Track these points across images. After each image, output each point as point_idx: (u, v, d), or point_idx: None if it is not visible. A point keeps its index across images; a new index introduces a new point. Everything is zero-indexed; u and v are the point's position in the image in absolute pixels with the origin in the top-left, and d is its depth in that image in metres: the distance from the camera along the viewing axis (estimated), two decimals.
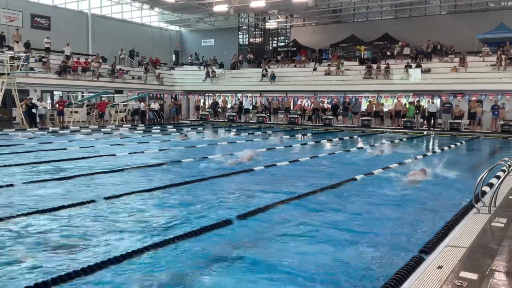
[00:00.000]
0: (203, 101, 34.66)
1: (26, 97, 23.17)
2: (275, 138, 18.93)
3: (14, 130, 20.57)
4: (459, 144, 18.37)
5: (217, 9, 30.78)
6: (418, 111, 25.24)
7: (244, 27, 41.84)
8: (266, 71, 31.92)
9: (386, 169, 10.84)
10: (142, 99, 30.46)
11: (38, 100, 23.67)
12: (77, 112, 25.58)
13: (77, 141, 17.03)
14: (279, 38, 41.82)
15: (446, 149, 16.44)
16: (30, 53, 25.90)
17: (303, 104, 30.32)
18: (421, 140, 21.57)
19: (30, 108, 22.46)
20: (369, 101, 27.09)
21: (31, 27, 30.30)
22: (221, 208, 7.11)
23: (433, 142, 20.97)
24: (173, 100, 33.10)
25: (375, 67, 28.25)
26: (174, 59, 42.25)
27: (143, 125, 26.75)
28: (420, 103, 25.62)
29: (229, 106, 32.76)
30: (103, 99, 27.97)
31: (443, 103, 24.99)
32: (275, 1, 29.61)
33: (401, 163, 11.72)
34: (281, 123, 28.71)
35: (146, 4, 35.04)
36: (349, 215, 6.80)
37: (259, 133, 22.67)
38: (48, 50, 28.16)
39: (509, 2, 30.25)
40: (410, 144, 19.07)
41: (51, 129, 21.88)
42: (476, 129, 23.17)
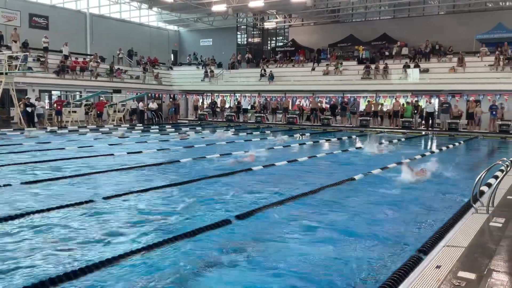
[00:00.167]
0: (201, 101, 34.66)
1: (23, 97, 23.14)
2: (273, 138, 18.92)
3: (12, 129, 20.54)
4: (457, 144, 18.39)
5: (215, 8, 30.76)
6: (416, 111, 25.29)
7: (242, 27, 41.85)
8: (264, 71, 31.92)
9: (384, 169, 10.86)
10: (140, 99, 30.43)
11: (36, 99, 23.64)
12: (75, 111, 25.56)
13: (75, 141, 17.00)
14: (278, 38, 41.83)
15: (444, 149, 16.47)
16: (28, 53, 25.86)
17: (301, 103, 30.31)
18: (419, 140, 21.58)
19: (27, 107, 22.41)
20: (368, 101, 27.11)
21: (29, 27, 30.26)
22: (220, 208, 7.11)
23: (431, 142, 20.99)
24: (171, 100, 33.10)
25: (373, 67, 28.27)
26: (172, 59, 42.22)
27: (141, 125, 26.72)
28: (418, 103, 25.65)
29: (227, 106, 32.78)
30: (101, 98, 27.94)
31: (441, 103, 25.02)
32: (274, 1, 29.61)
33: (399, 163, 11.72)
34: (280, 123, 28.71)
35: (144, 3, 35.03)
36: (347, 214, 6.81)
37: (258, 132, 22.68)
38: (46, 49, 28.10)
39: (507, 2, 30.29)
40: (408, 144, 19.08)
41: (49, 128, 21.84)
42: (474, 129, 23.21)
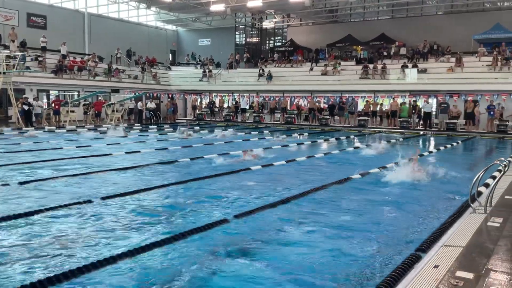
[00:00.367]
0: (199, 100, 34.64)
1: (21, 96, 23.10)
2: (272, 137, 18.92)
3: (10, 129, 20.49)
4: (455, 144, 18.42)
5: (214, 8, 30.74)
6: (414, 111, 25.32)
7: (241, 26, 41.81)
8: (263, 70, 31.91)
9: (382, 168, 10.87)
10: (139, 98, 30.40)
11: (34, 99, 23.58)
12: (73, 111, 25.53)
13: (73, 140, 16.98)
14: (276, 37, 41.81)
15: (442, 149, 16.49)
16: (26, 52, 25.81)
17: (299, 103, 30.30)
18: (417, 140, 21.61)
19: (24, 105, 22.38)
20: (366, 101, 27.13)
21: (27, 26, 30.22)
22: (218, 207, 7.12)
23: (429, 142, 21.02)
24: (169, 99, 33.08)
25: (371, 67, 28.29)
26: (170, 59, 42.18)
27: (139, 124, 26.70)
28: (416, 103, 25.68)
29: (225, 105, 32.76)
30: (100, 98, 27.90)
31: (439, 103, 25.06)
32: (272, 0, 29.58)
33: (397, 163, 11.73)
34: (278, 123, 28.71)
35: (142, 3, 34.99)
36: (345, 214, 6.81)
37: (256, 132, 22.70)
38: (44, 49, 28.03)
39: (505, 2, 30.36)
40: (406, 144, 19.10)
41: (47, 128, 21.80)
42: (472, 129, 23.26)
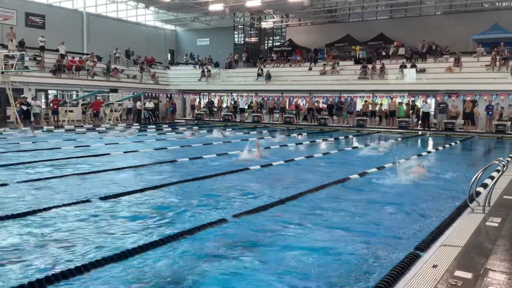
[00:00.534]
0: (198, 100, 34.62)
1: (19, 96, 23.05)
2: (271, 137, 18.94)
3: (8, 128, 20.45)
4: (453, 144, 18.44)
5: (212, 8, 30.73)
6: (412, 111, 25.35)
7: (239, 26, 41.80)
8: (261, 70, 31.91)
9: (380, 168, 10.88)
10: (137, 98, 30.38)
11: (32, 99, 23.54)
12: (71, 111, 25.49)
13: (71, 140, 16.95)
14: (275, 37, 41.81)
15: (440, 149, 16.50)
16: (24, 52, 25.77)
17: (298, 102, 30.29)
18: (416, 140, 21.62)
19: (23, 105, 22.35)
20: (365, 101, 27.16)
21: (25, 26, 30.17)
22: (217, 207, 7.11)
23: (427, 142, 21.03)
24: (168, 99, 33.06)
25: (370, 67, 28.32)
26: (169, 58, 42.17)
27: (138, 124, 26.68)
28: (415, 103, 25.70)
29: (224, 105, 32.76)
30: (98, 98, 27.87)
31: (438, 103, 25.08)
32: (271, 0, 29.60)
33: (396, 163, 11.74)
34: (277, 123, 28.72)
35: (141, 3, 34.96)
36: (343, 213, 6.81)
37: (255, 132, 22.70)
38: (42, 48, 28.00)
39: (503, 2, 30.41)
40: (404, 144, 19.12)
41: (45, 128, 21.77)
42: (470, 129, 23.29)
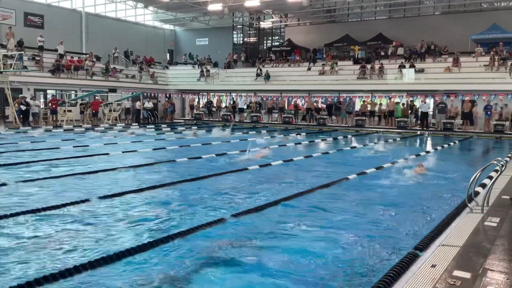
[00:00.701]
0: (197, 100, 34.60)
1: (18, 96, 23.02)
2: (269, 137, 18.97)
3: (7, 128, 20.45)
4: (452, 144, 18.46)
5: (211, 8, 30.70)
6: (411, 110, 25.37)
7: (238, 26, 41.77)
8: (260, 70, 31.90)
9: (379, 168, 10.89)
10: (137, 98, 30.35)
11: (31, 99, 23.51)
12: (70, 111, 25.45)
13: (70, 140, 16.94)
14: (274, 37, 41.80)
15: (439, 149, 16.52)
16: (23, 52, 25.71)
17: (297, 102, 30.28)
18: (415, 140, 21.65)
19: (21, 105, 22.33)
20: (363, 101, 27.17)
21: (24, 26, 30.11)
22: (215, 206, 7.11)
23: (426, 142, 21.06)
24: (167, 99, 33.04)
25: (369, 67, 28.32)
26: (168, 58, 42.14)
27: (137, 124, 26.66)
28: (413, 103, 25.72)
29: (223, 105, 32.75)
30: (97, 98, 27.85)
31: (437, 103, 25.11)
32: (270, 0, 29.58)
33: (394, 163, 11.77)
34: (276, 123, 28.72)
35: (140, 2, 34.93)
36: (342, 213, 6.82)
37: (254, 132, 22.71)
38: (41, 48, 27.97)
39: (502, 2, 30.44)
40: (403, 144, 19.15)
41: (44, 127, 21.72)
42: (469, 129, 23.31)
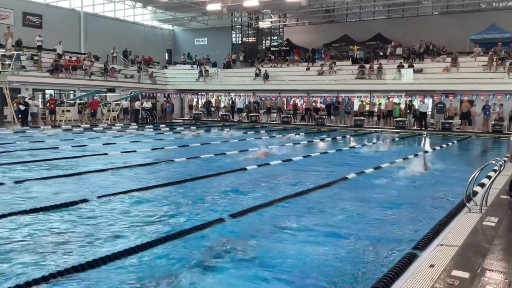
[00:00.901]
0: (196, 100, 34.59)
1: (16, 96, 22.97)
2: (269, 137, 18.99)
3: (5, 128, 20.43)
4: (450, 144, 18.48)
5: (210, 8, 30.67)
6: (409, 110, 25.40)
7: (237, 26, 41.76)
8: (259, 70, 31.90)
9: (377, 168, 10.90)
10: (135, 98, 30.32)
11: (29, 98, 23.47)
12: (69, 110, 25.42)
13: (69, 140, 16.92)
14: (272, 37, 41.78)
15: (437, 148, 16.55)
16: (21, 52, 25.70)
17: (296, 102, 30.28)
18: (413, 140, 21.67)
19: (20, 105, 22.31)
20: (361, 101, 27.19)
21: (22, 25, 30.06)
22: (214, 206, 7.11)
23: (424, 142, 21.08)
24: (165, 99, 33.02)
25: (367, 67, 28.35)
26: (167, 58, 42.10)
27: (135, 124, 26.64)
28: (412, 103, 25.75)
29: (222, 105, 32.74)
30: (95, 98, 27.82)
31: (436, 103, 25.14)
32: (268, 0, 29.58)
33: (393, 162, 11.79)
34: (274, 123, 28.73)
35: (139, 2, 34.90)
36: (341, 213, 6.83)
37: (252, 132, 22.73)
38: (40, 48, 27.92)
39: (500, 3, 30.47)
40: (402, 144, 19.16)
41: (42, 127, 21.72)
42: (467, 129, 23.34)
